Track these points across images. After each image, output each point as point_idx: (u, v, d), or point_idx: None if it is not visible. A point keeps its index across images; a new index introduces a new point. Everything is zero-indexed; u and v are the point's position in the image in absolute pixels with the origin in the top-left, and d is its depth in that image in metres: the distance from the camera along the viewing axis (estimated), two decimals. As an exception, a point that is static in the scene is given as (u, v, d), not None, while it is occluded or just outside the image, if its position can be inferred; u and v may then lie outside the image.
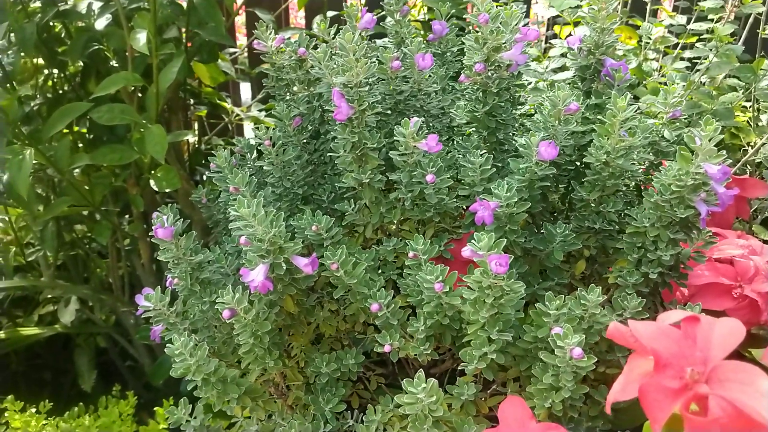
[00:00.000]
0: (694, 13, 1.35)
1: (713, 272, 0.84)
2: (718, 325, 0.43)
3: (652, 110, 1.19)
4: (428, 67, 0.75)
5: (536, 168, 0.68)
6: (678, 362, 0.41)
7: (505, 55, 0.71)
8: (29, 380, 1.48)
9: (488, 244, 0.57)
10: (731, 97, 1.19)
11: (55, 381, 1.55)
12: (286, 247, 0.63)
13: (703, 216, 0.67)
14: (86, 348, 1.50)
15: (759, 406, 0.37)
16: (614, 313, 0.70)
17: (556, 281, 0.76)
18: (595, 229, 0.74)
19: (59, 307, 1.49)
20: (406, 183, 0.71)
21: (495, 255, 0.56)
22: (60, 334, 1.43)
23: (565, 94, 0.68)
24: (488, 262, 0.56)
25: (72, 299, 1.49)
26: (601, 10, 0.74)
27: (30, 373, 1.51)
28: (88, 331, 1.49)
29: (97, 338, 1.51)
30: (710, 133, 0.63)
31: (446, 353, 0.80)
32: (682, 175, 0.65)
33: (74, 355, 1.48)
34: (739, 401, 0.37)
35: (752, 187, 1.00)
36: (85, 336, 1.51)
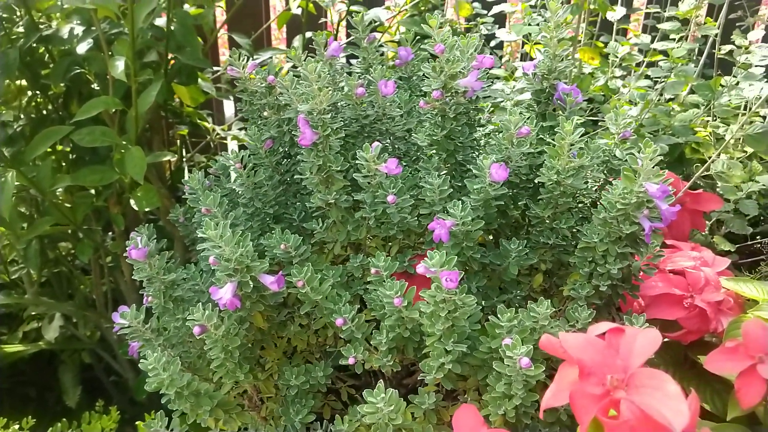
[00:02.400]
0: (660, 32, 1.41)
1: (666, 283, 0.88)
2: (640, 335, 0.47)
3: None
4: (391, 93, 0.79)
5: (489, 188, 0.72)
6: (601, 370, 0.45)
7: (461, 82, 0.76)
8: (14, 397, 1.50)
9: (440, 261, 0.61)
10: (690, 114, 1.25)
11: (40, 397, 1.56)
12: (253, 266, 0.67)
13: (647, 231, 0.72)
14: (71, 364, 1.52)
15: (665, 408, 0.41)
16: (567, 324, 0.74)
17: (514, 294, 0.80)
18: (549, 244, 0.79)
19: (43, 323, 1.51)
20: (370, 203, 0.75)
21: (446, 271, 0.60)
22: (45, 350, 1.45)
23: (516, 119, 0.72)
24: (440, 277, 0.60)
25: (56, 316, 1.51)
26: (553, 38, 0.79)
27: (15, 390, 1.52)
28: (73, 347, 1.51)
29: (81, 354, 1.52)
30: (650, 154, 0.67)
31: (416, 364, 0.84)
32: (626, 194, 0.70)
33: (59, 371, 1.50)
34: (646, 405, 0.41)
35: (706, 200, 1.05)
36: (69, 352, 1.53)
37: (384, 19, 1.53)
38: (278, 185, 0.84)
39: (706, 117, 1.32)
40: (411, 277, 0.80)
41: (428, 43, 0.78)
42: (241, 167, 0.78)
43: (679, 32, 1.32)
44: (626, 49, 1.45)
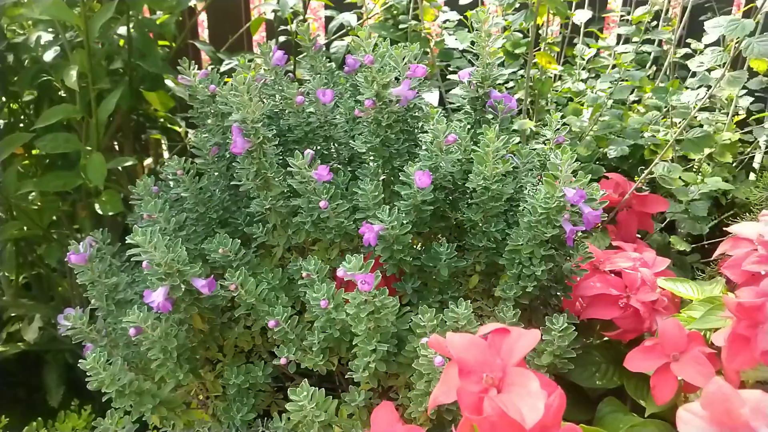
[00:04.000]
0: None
1: (604, 284, 0.90)
2: (523, 335, 0.50)
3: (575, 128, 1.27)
4: (329, 101, 0.82)
5: (418, 194, 0.75)
6: (480, 369, 0.47)
7: (394, 91, 0.78)
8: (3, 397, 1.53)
9: (356, 265, 0.64)
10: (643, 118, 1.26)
11: (28, 397, 1.60)
12: (185, 271, 0.70)
13: (569, 235, 0.74)
14: (55, 365, 1.55)
15: (524, 404, 0.43)
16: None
17: (450, 295, 0.83)
18: (481, 247, 0.81)
19: (23, 325, 1.54)
20: (305, 208, 0.78)
21: (361, 274, 0.63)
22: (32, 351, 1.48)
23: (442, 127, 0.75)
24: (356, 280, 0.63)
25: (36, 317, 1.54)
26: (484, 48, 0.82)
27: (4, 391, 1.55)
28: (54, 348, 1.54)
29: (66, 355, 1.56)
30: (567, 159, 0.70)
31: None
32: (548, 198, 0.72)
33: (43, 371, 1.53)
34: (502, 401, 0.44)
35: (653, 202, 1.08)
36: (54, 353, 1.56)
37: (354, 24, 1.55)
38: (225, 190, 0.87)
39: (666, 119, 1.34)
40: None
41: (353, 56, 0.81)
42: (183, 173, 0.81)
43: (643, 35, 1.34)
44: (592, 52, 1.47)
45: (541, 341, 0.75)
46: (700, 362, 0.70)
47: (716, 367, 0.71)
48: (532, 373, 0.45)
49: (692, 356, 0.71)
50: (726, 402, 0.45)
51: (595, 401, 0.88)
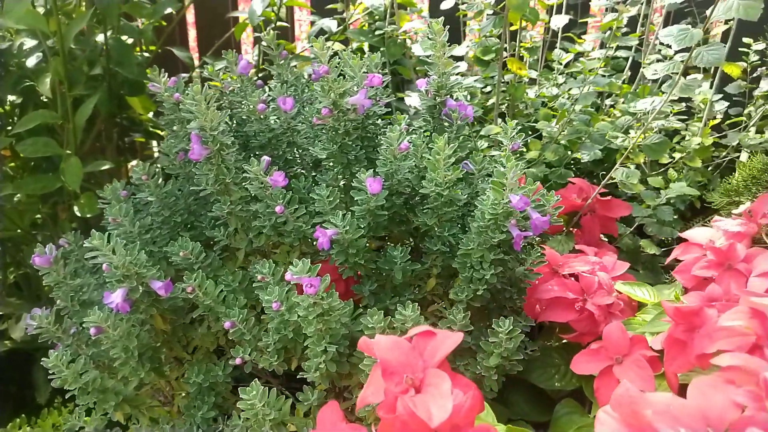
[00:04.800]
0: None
1: (561, 287, 0.92)
2: (448, 337, 0.52)
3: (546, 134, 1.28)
4: (289, 109, 0.84)
5: (371, 200, 0.77)
6: (402, 370, 0.50)
7: (350, 100, 0.81)
8: (-4, 394, 1.56)
9: (303, 269, 0.66)
10: (624, 120, 1.28)
11: (19, 394, 1.63)
12: (142, 273, 0.72)
13: (516, 240, 0.76)
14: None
15: (435, 404, 0.45)
16: (446, 326, 0.79)
17: (407, 297, 0.85)
18: (435, 251, 0.83)
19: (10, 323, 1.58)
20: (264, 212, 0.80)
21: (307, 278, 0.65)
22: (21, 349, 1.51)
23: (394, 135, 0.77)
24: (302, 284, 0.66)
25: (23, 316, 1.57)
26: (440, 58, 0.84)
27: (-4, 387, 1.58)
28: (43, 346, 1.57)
29: (54, 352, 1.58)
30: (512, 167, 0.72)
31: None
32: (495, 204, 0.75)
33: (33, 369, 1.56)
34: (413, 401, 0.46)
35: (616, 207, 1.10)
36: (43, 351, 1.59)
37: (335, 29, 1.58)
38: (190, 194, 0.90)
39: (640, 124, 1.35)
40: (311, 281, 0.86)
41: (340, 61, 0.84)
42: (148, 178, 0.84)
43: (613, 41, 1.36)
44: (570, 57, 1.49)
45: (490, 343, 0.77)
46: (640, 365, 0.72)
47: (658, 370, 0.73)
48: (446, 375, 0.48)
49: (634, 359, 0.73)
50: (632, 404, 0.47)
51: (556, 403, 0.90)
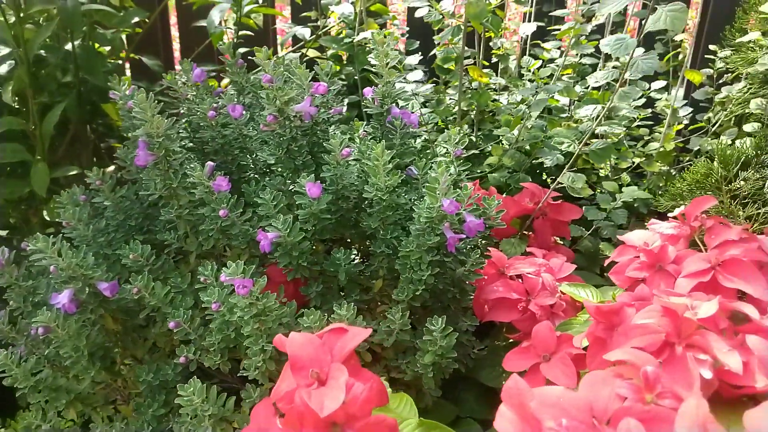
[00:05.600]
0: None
1: (506, 288, 0.95)
2: (357, 334, 0.55)
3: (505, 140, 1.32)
4: (238, 116, 0.87)
5: (314, 204, 0.80)
6: (311, 365, 0.52)
7: (296, 108, 0.84)
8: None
9: (236, 271, 0.69)
10: (585, 126, 1.31)
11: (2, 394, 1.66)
12: (89, 274, 0.75)
13: (450, 242, 0.79)
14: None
15: (329, 396, 0.48)
16: (385, 325, 0.82)
17: (353, 298, 0.88)
18: (380, 253, 0.86)
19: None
20: (209, 216, 0.83)
21: (240, 279, 0.68)
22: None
23: (336, 142, 0.80)
24: (235, 285, 0.68)
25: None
26: (384, 67, 0.87)
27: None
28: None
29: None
30: (442, 173, 0.75)
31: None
32: (429, 208, 0.78)
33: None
34: (308, 393, 0.49)
35: (567, 210, 1.13)
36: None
37: (308, 37, 1.61)
38: (145, 199, 0.93)
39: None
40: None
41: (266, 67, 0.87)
42: (103, 183, 0.87)
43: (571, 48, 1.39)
44: (538, 63, 1.52)
45: (424, 341, 0.80)
46: (565, 363, 0.75)
47: (584, 367, 0.76)
48: (345, 368, 0.50)
49: (560, 357, 0.76)
50: (520, 397, 0.50)
51: (502, 400, 0.93)
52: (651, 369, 0.51)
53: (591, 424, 0.49)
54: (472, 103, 1.39)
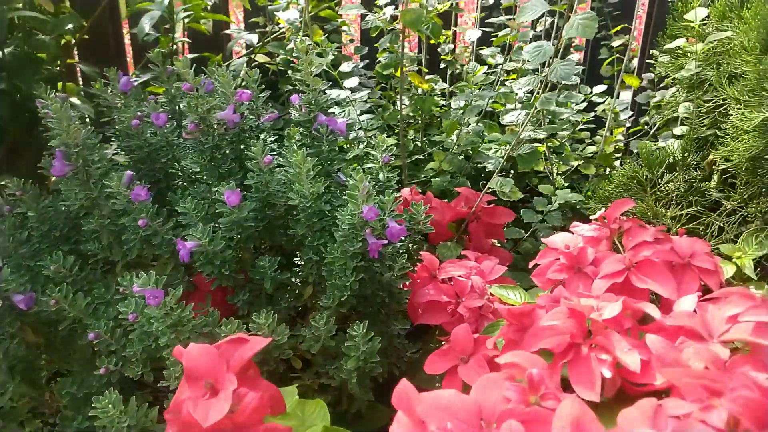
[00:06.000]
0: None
1: (437, 291, 0.96)
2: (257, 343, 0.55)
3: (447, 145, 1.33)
4: (162, 124, 0.87)
5: (235, 212, 0.80)
6: (207, 375, 0.53)
7: (219, 115, 0.84)
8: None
9: (146, 281, 0.69)
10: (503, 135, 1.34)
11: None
12: (2, 287, 0.74)
13: (372, 248, 0.80)
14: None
15: (214, 406, 0.49)
16: (311, 332, 0.82)
17: (282, 305, 0.88)
18: (305, 260, 0.87)
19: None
20: (131, 226, 0.82)
21: (150, 290, 0.68)
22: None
23: (257, 149, 0.81)
24: (146, 296, 0.68)
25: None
26: (309, 75, 0.87)
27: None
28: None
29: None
30: (361, 180, 0.76)
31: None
32: (351, 215, 0.78)
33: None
34: (193, 403, 0.49)
35: (499, 214, 1.15)
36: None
37: (255, 42, 1.61)
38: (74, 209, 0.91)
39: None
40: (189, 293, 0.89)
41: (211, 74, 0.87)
42: (23, 193, 0.86)
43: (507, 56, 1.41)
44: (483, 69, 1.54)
45: (347, 347, 0.81)
46: (480, 365, 0.76)
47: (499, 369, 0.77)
48: (234, 378, 0.51)
49: (476, 359, 0.77)
50: (408, 401, 0.51)
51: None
52: (536, 371, 0.52)
53: (478, 426, 0.51)
54: (418, 108, 1.41)
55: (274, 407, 0.53)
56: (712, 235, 1.07)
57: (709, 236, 1.08)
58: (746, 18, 1.02)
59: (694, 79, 1.25)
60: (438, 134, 1.33)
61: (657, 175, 1.09)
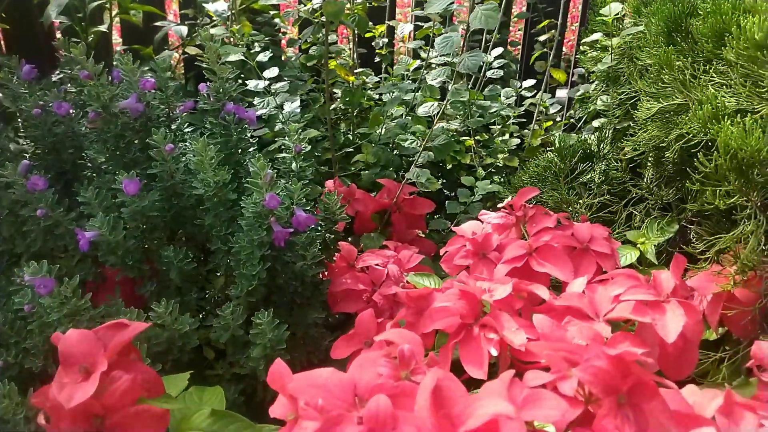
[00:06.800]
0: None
1: (353, 280, 0.98)
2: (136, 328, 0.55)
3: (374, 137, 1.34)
4: (64, 113, 0.85)
5: (135, 202, 0.79)
6: (83, 360, 0.52)
7: (122, 104, 0.83)
8: None
9: (37, 270, 0.68)
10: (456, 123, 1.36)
11: None
12: None
13: (277, 236, 0.80)
14: None
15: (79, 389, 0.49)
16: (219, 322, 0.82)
17: (192, 296, 0.88)
18: (213, 250, 0.87)
19: None
20: (30, 217, 0.81)
21: (40, 279, 0.67)
22: None
23: (159, 137, 0.80)
24: (35, 285, 0.67)
25: None
26: (215, 64, 0.87)
27: None
28: None
29: None
30: (263, 167, 0.76)
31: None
32: (255, 203, 0.79)
33: None
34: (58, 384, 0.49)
35: (420, 205, 1.17)
36: None
37: (185, 34, 1.59)
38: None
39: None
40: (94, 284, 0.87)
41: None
42: None
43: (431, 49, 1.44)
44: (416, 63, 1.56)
45: (254, 334, 0.81)
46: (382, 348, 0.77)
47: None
48: (105, 361, 0.51)
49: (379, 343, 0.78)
50: (282, 379, 0.51)
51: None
52: (407, 347, 0.54)
53: (353, 402, 0.52)
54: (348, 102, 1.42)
55: (151, 390, 0.53)
56: (621, 223, 1.12)
57: (619, 224, 1.12)
58: (647, 13, 1.07)
59: (610, 73, 1.30)
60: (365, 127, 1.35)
61: (569, 165, 1.13)
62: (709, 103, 0.78)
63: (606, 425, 0.44)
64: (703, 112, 0.79)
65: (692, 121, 0.83)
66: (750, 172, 0.75)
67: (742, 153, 0.72)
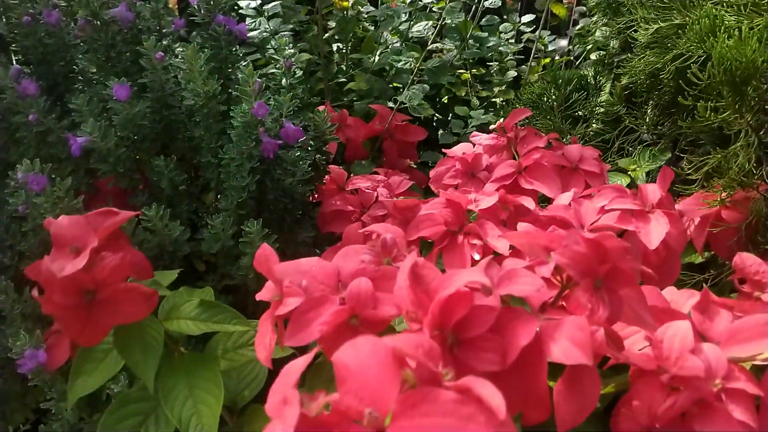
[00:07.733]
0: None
1: (342, 201, 0.99)
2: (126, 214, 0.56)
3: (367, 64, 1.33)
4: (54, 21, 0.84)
5: (128, 108, 0.79)
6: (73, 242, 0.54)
7: (111, 12, 0.82)
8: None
9: (30, 167, 0.69)
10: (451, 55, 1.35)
11: None
12: None
13: (266, 147, 0.81)
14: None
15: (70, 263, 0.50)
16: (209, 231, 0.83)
17: (182, 208, 0.89)
18: (203, 162, 0.87)
19: None
20: (22, 123, 0.81)
21: (32, 175, 0.68)
22: None
23: (149, 45, 0.79)
24: (28, 181, 0.68)
25: None
26: (207, -27, 0.86)
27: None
28: None
29: None
30: (251, 75, 0.76)
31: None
32: (244, 113, 0.79)
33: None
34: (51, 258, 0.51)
35: (412, 132, 1.17)
36: None
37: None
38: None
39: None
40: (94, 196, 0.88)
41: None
42: None
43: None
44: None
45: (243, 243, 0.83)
46: (369, 257, 0.79)
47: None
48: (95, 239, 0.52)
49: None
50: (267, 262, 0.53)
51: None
52: (389, 236, 0.55)
53: (335, 286, 0.53)
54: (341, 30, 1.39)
55: (140, 273, 0.55)
56: (613, 152, 1.12)
57: (612, 154, 1.13)
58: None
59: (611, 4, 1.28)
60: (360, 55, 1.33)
61: (564, 93, 1.13)
62: (707, 17, 0.78)
63: (580, 299, 0.45)
64: (700, 26, 0.78)
65: (689, 39, 0.82)
66: (744, 87, 0.75)
67: (737, 64, 0.71)
